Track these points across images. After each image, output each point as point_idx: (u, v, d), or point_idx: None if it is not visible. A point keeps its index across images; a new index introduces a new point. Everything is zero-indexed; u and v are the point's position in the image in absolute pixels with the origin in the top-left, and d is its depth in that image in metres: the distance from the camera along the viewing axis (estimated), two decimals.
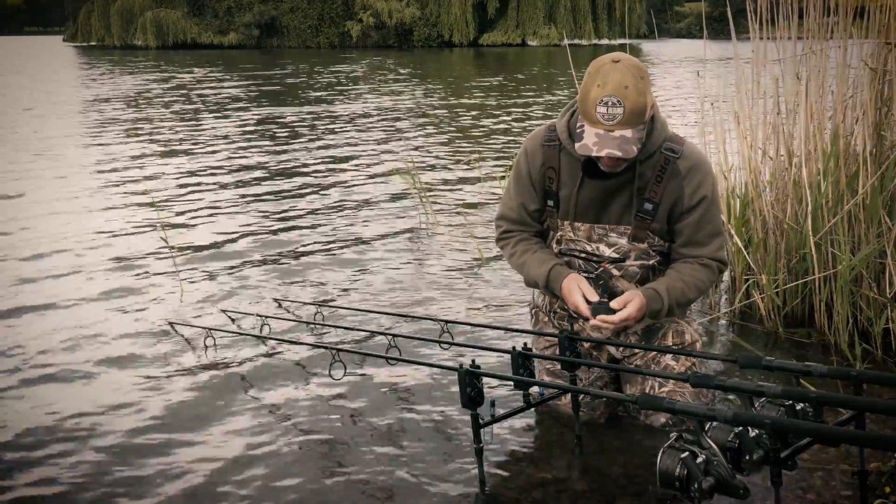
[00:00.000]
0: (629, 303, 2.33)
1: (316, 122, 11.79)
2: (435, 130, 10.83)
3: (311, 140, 9.92)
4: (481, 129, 10.95)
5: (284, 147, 9.34)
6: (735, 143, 3.61)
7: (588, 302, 2.36)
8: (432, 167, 7.81)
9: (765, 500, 2.08)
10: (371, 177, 7.42)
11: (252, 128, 11.24)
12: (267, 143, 9.75)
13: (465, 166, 7.84)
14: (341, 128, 11.14)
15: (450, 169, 7.79)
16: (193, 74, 23.65)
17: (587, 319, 2.38)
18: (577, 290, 2.39)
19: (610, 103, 2.17)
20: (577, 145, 2.26)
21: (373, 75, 22.32)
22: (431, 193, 6.25)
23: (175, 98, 16.01)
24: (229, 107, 14.24)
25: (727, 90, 3.61)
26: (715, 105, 3.65)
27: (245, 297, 3.95)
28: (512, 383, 2.36)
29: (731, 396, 2.64)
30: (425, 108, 13.79)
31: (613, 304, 2.33)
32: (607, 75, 2.19)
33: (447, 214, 5.75)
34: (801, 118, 3.33)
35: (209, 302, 3.89)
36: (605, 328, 2.36)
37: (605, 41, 49.52)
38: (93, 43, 53.52)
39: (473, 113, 13.01)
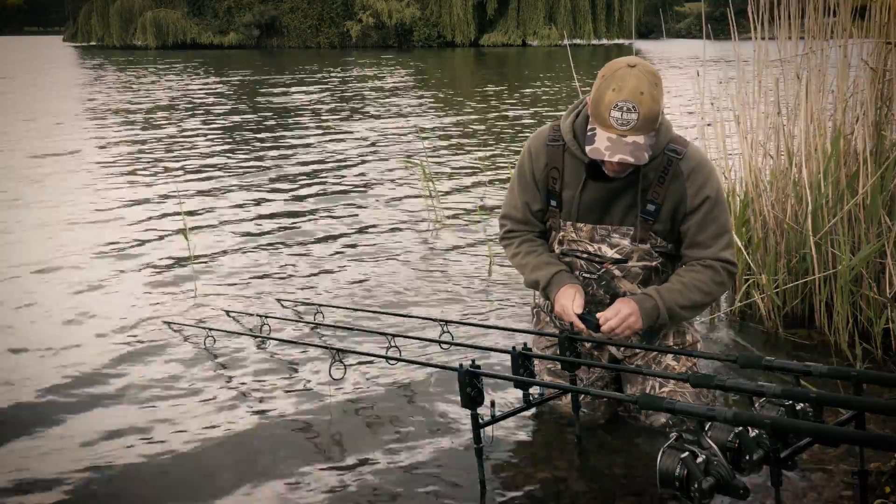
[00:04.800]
0: (613, 311, 2.33)
1: (322, 124, 11.79)
2: (441, 130, 10.83)
3: (317, 141, 9.91)
4: (488, 128, 10.95)
5: (292, 149, 9.33)
6: (735, 143, 3.61)
7: (576, 314, 2.37)
8: (440, 168, 7.81)
9: (765, 500, 2.08)
10: (378, 177, 7.41)
11: (256, 128, 11.23)
12: (274, 144, 9.74)
13: (473, 167, 7.83)
14: (348, 129, 11.14)
15: (458, 170, 7.78)
16: (197, 76, 23.64)
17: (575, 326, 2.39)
18: (570, 298, 2.39)
19: (625, 108, 2.16)
20: (588, 148, 2.24)
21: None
22: (440, 191, 6.25)
23: (180, 99, 16.00)
24: (235, 107, 14.24)
25: (728, 90, 3.61)
26: (715, 105, 3.65)
27: (247, 297, 3.95)
28: (512, 383, 2.36)
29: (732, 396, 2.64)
30: (431, 109, 13.80)
31: (598, 316, 2.34)
32: (623, 80, 2.18)
33: (454, 215, 5.75)
34: (801, 118, 3.33)
35: (210, 301, 3.88)
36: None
37: (604, 41, 49.61)
38: (93, 43, 53.50)
39: (480, 113, 13.00)
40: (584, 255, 2.49)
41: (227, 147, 9.40)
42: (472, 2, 48.36)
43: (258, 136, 10.40)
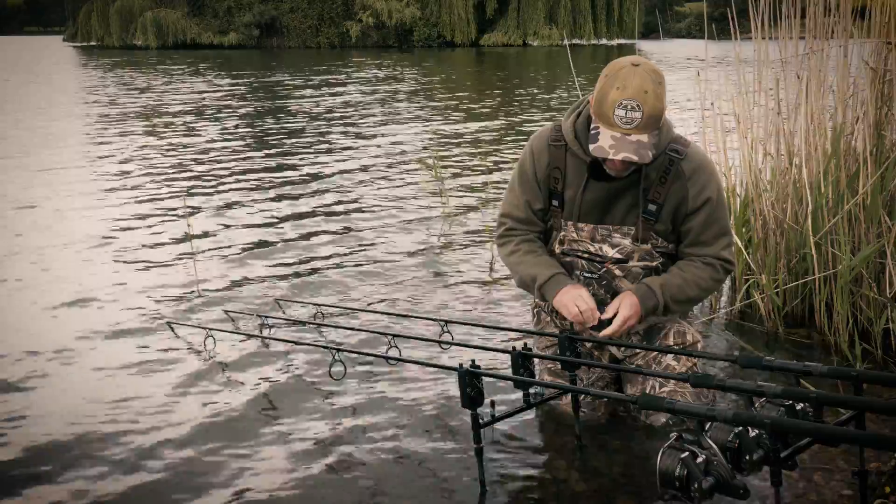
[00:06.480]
0: (620, 306, 2.36)
1: (323, 124, 11.79)
2: (442, 131, 10.82)
3: (319, 141, 9.91)
4: (489, 128, 10.95)
5: (293, 149, 9.32)
6: (735, 143, 3.61)
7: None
8: (444, 167, 7.80)
9: (765, 500, 2.08)
10: (378, 177, 7.40)
11: (259, 129, 11.23)
12: (274, 144, 9.73)
13: (474, 166, 7.82)
14: (349, 129, 11.14)
15: (457, 169, 7.77)
16: (199, 77, 23.65)
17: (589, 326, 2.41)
18: (581, 298, 2.39)
19: (629, 107, 2.17)
20: (591, 147, 2.24)
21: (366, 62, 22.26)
22: (447, 189, 6.25)
23: (182, 101, 16.00)
24: (236, 108, 14.24)
25: (728, 90, 3.61)
26: (715, 105, 3.65)
27: (247, 297, 3.95)
28: (512, 383, 2.36)
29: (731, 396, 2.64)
30: (431, 110, 13.79)
31: (604, 315, 2.37)
32: (627, 79, 2.18)
33: (454, 215, 5.75)
34: (801, 118, 3.33)
35: (210, 301, 3.88)
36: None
37: (604, 41, 49.66)
38: (93, 43, 53.47)
39: (481, 113, 13.00)
40: (585, 255, 2.49)
41: (228, 147, 9.40)
42: (472, 2, 48.37)
43: (259, 136, 10.40)
